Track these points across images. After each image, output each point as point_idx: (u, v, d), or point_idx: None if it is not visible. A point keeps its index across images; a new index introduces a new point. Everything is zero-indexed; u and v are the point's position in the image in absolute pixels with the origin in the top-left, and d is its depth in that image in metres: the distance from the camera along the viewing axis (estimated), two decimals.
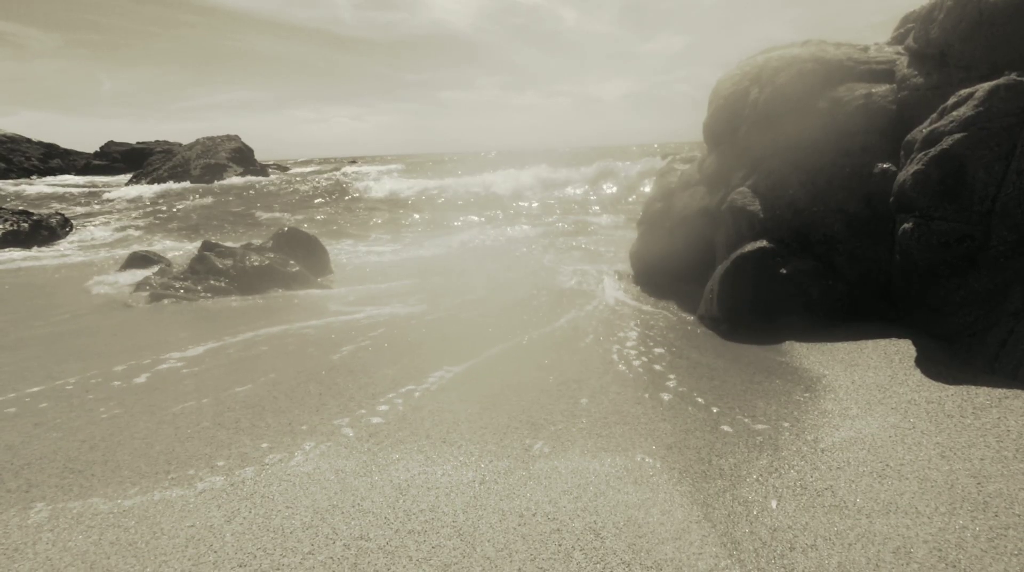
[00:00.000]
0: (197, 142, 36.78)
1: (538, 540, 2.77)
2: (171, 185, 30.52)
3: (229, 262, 8.81)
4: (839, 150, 5.91)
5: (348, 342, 5.99)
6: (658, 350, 5.43)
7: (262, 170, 36.87)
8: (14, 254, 13.32)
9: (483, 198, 22.05)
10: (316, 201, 24.01)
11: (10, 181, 39.72)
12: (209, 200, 24.37)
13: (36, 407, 4.53)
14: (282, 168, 49.85)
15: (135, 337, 6.48)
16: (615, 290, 7.92)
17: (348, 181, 30.06)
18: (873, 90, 6.07)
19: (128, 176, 37.21)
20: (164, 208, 22.20)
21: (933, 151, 4.79)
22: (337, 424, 4.07)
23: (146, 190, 28.68)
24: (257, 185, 29.73)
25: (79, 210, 22.67)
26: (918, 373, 4.34)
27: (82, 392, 4.82)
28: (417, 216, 18.96)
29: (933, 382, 4.17)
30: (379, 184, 27.22)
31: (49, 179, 41.87)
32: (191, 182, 31.46)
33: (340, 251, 12.64)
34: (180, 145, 41.37)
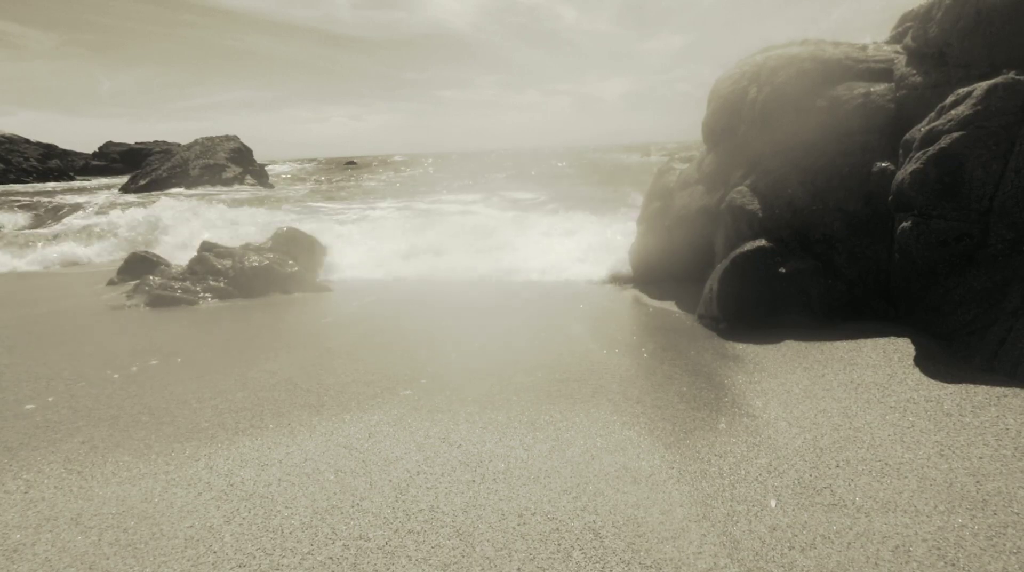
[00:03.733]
0: (196, 142, 36.67)
1: (537, 540, 2.77)
2: (170, 187, 30.46)
3: (228, 262, 8.80)
4: (838, 149, 5.91)
5: (348, 340, 5.98)
6: (657, 349, 5.43)
7: (261, 170, 36.76)
8: (12, 255, 13.30)
9: None
10: None
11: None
12: (208, 199, 24.31)
13: (34, 408, 4.53)
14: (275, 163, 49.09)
15: (134, 338, 6.48)
16: (613, 289, 7.92)
17: None
18: (872, 89, 6.07)
19: (126, 177, 37.11)
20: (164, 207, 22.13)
21: (931, 150, 4.79)
22: (336, 423, 4.07)
23: (145, 189, 28.62)
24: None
25: (77, 210, 22.61)
26: (917, 372, 4.35)
27: (80, 393, 4.82)
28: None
29: (932, 381, 4.17)
30: None
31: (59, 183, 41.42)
32: (190, 183, 31.40)
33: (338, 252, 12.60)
34: (179, 145, 41.20)
